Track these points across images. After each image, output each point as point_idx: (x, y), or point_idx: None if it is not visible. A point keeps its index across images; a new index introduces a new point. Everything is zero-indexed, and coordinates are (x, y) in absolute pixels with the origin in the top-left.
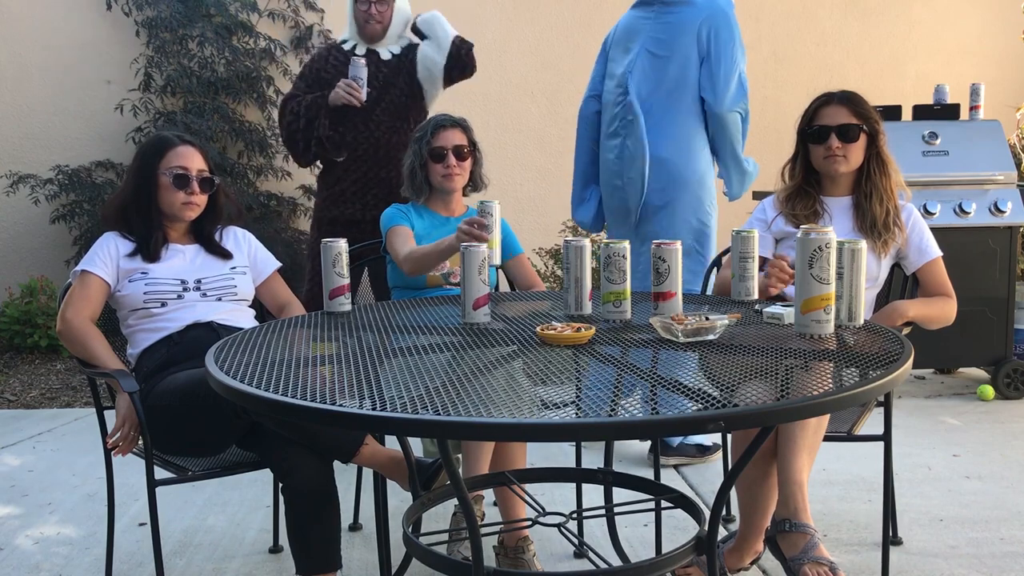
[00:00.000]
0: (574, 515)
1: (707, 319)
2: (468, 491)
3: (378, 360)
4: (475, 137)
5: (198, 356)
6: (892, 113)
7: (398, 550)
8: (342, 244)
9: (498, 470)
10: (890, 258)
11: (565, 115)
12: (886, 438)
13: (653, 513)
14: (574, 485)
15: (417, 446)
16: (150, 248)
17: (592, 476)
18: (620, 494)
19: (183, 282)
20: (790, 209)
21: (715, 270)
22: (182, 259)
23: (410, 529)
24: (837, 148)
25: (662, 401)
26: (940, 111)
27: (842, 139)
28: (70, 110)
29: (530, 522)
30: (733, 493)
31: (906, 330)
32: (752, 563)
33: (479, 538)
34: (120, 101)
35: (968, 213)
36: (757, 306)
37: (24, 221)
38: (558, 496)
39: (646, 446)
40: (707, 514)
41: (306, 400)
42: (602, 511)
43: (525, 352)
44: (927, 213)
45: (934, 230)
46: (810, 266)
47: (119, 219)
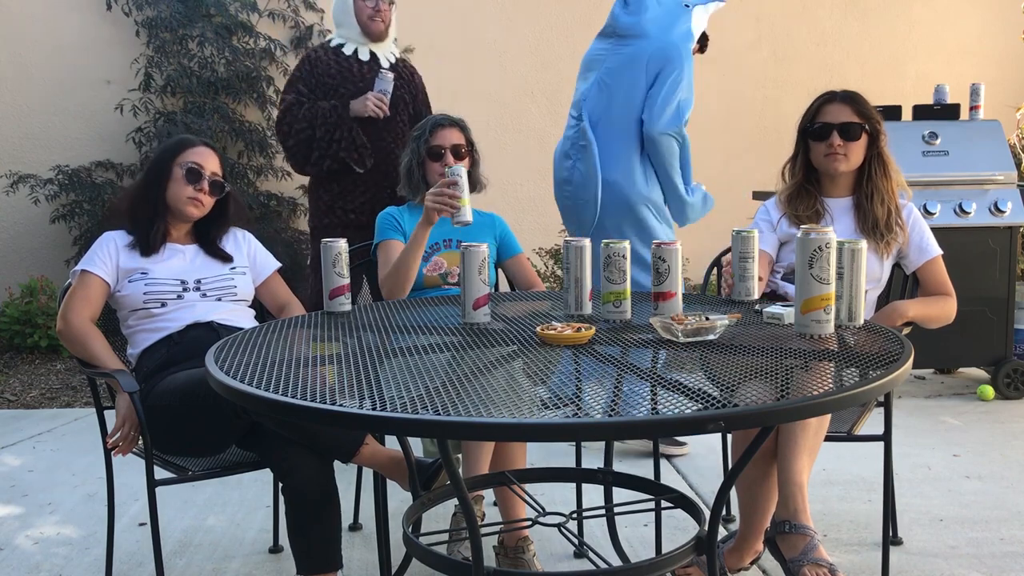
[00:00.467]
0: (574, 515)
1: (707, 319)
2: (468, 491)
3: (378, 360)
4: (473, 138)
5: (198, 356)
6: (892, 113)
7: (398, 550)
8: (342, 244)
9: (498, 470)
10: (892, 258)
11: (565, 115)
12: (886, 438)
13: (653, 513)
14: (574, 485)
15: (417, 446)
16: (149, 240)
17: (592, 476)
18: (620, 494)
19: (183, 282)
20: (792, 210)
21: (715, 270)
22: (182, 259)
23: (410, 529)
24: (838, 146)
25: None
26: (940, 111)
27: (843, 137)
28: (70, 110)
29: (530, 522)
30: (733, 493)
31: (906, 330)
32: (752, 563)
33: (479, 538)
34: (120, 101)
35: (968, 213)
36: (757, 306)
37: (24, 221)
38: (558, 496)
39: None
40: (707, 514)
41: (306, 400)
42: (602, 511)
43: (525, 352)
44: (927, 213)
45: (934, 230)
46: (810, 266)
47: (128, 209)
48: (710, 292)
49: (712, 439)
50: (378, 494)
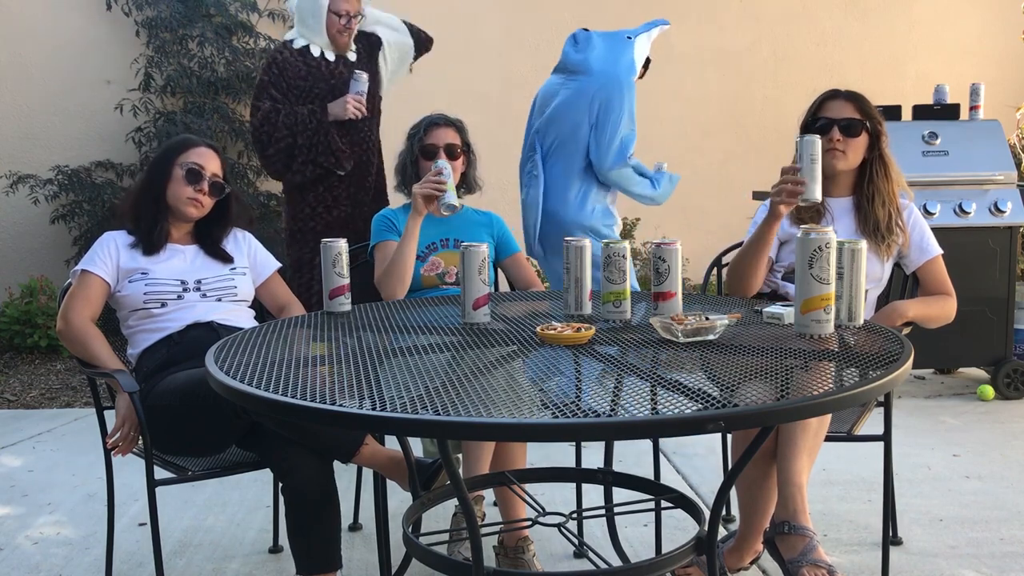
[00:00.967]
0: (574, 515)
1: (707, 319)
2: (468, 491)
3: (378, 360)
4: (469, 139)
5: (198, 356)
6: (892, 113)
7: (398, 550)
8: (342, 244)
9: (498, 470)
10: (892, 258)
11: None
12: (886, 438)
13: (653, 513)
14: (574, 485)
15: (417, 446)
16: (152, 240)
17: (592, 476)
18: (620, 494)
19: (183, 282)
20: (793, 209)
21: (715, 270)
22: (182, 259)
23: (410, 529)
24: (838, 141)
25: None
26: (940, 111)
27: (844, 133)
28: (70, 110)
29: (530, 522)
30: (733, 493)
31: (906, 330)
32: (752, 563)
33: (479, 538)
34: (120, 101)
35: (968, 213)
36: (757, 306)
37: (24, 221)
38: (558, 496)
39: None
40: (707, 514)
41: (306, 400)
42: (602, 511)
43: (525, 352)
44: (927, 213)
45: (934, 230)
46: (810, 266)
47: (131, 208)
48: (710, 292)
49: (712, 439)
50: (378, 494)
